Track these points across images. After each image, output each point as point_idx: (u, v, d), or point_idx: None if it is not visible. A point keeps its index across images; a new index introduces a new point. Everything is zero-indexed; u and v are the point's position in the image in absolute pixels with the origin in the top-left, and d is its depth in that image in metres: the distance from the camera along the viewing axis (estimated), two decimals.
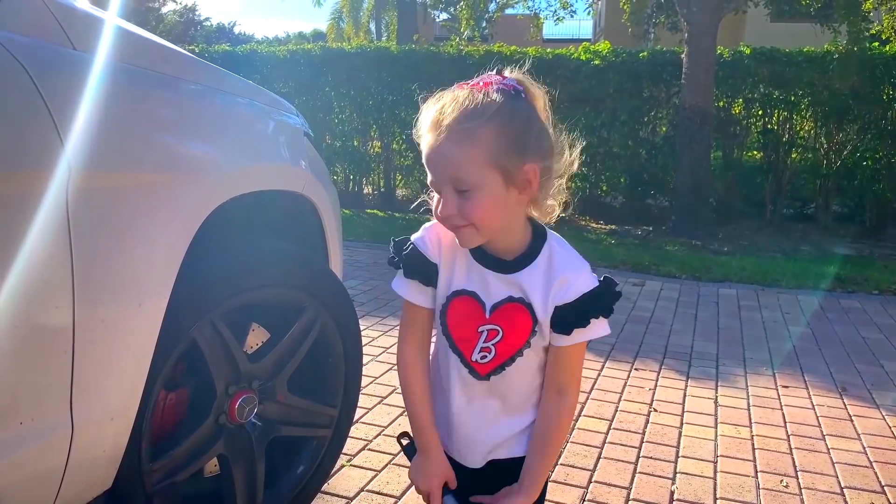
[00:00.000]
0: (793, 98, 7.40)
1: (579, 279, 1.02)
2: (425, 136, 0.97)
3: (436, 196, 1.00)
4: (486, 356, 1.07)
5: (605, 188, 8.17)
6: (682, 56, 7.13)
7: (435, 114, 0.96)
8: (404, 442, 1.19)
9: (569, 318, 1.02)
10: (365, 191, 9.12)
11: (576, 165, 1.03)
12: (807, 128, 7.65)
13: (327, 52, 8.72)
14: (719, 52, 7.24)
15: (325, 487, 1.97)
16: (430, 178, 0.98)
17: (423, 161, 0.98)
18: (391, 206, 8.61)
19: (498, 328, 1.05)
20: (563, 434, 1.10)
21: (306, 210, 1.89)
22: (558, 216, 1.05)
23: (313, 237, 1.94)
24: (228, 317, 1.52)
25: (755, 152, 7.99)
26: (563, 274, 1.02)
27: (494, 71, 1.00)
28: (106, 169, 1.15)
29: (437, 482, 1.12)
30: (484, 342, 1.06)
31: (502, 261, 1.04)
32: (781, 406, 2.78)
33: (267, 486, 1.70)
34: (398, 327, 1.16)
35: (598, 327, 1.04)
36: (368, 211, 8.27)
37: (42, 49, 1.12)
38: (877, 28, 8.03)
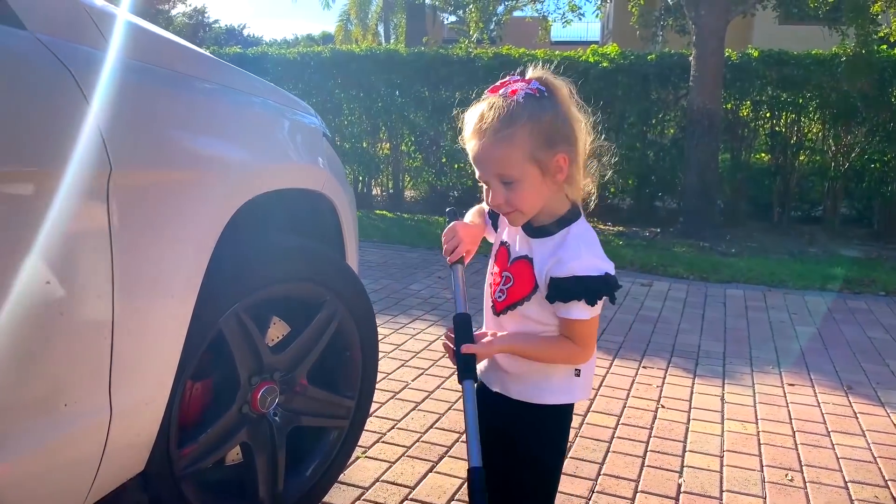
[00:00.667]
0: (801, 101, 7.42)
1: (574, 262, 1.16)
2: (470, 142, 1.17)
3: (485, 187, 1.20)
4: (501, 296, 1.28)
5: (613, 190, 8.21)
6: (690, 59, 7.17)
7: (476, 122, 1.15)
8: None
9: (553, 290, 1.17)
10: (374, 192, 9.20)
11: (600, 160, 1.24)
12: (815, 130, 7.67)
13: (337, 55, 8.79)
14: (727, 54, 7.27)
15: (341, 478, 2.03)
16: (478, 173, 1.19)
17: (472, 161, 1.18)
18: (400, 207, 8.68)
19: (511, 276, 1.26)
20: (542, 350, 1.23)
21: (324, 208, 1.95)
22: (594, 195, 1.25)
23: (330, 234, 2.01)
24: (252, 310, 1.59)
25: (763, 154, 8.01)
26: (563, 253, 1.17)
27: (518, 72, 1.18)
28: (143, 167, 1.22)
29: (467, 240, 1.33)
30: (503, 284, 1.27)
31: (532, 226, 1.23)
32: (787, 404, 2.83)
33: (287, 474, 1.76)
34: (411, 323, 1.27)
35: (576, 309, 1.17)
36: (377, 212, 8.33)
37: (85, 54, 1.18)
38: (885, 31, 8.04)
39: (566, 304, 1.16)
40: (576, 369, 1.26)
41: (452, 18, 22.38)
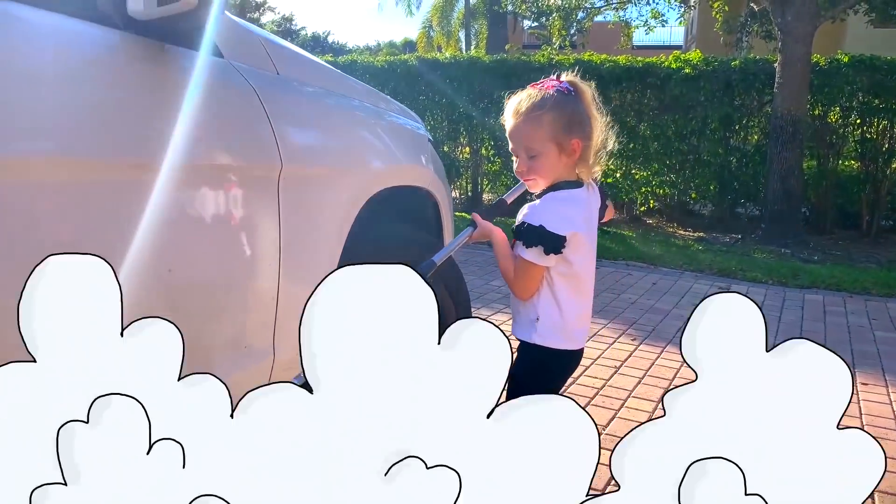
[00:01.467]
0: (894, 106, 7.24)
1: (529, 210, 1.43)
2: (509, 120, 1.48)
3: (515, 159, 1.49)
4: None
5: (694, 195, 8.22)
6: (776, 64, 7.13)
7: (515, 105, 1.47)
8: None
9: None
10: (453, 194, 9.53)
11: (610, 144, 1.49)
12: None
13: (423, 63, 9.17)
14: (815, 60, 7.18)
15: None
16: (511, 146, 1.48)
17: (507, 136, 1.48)
18: (478, 209, 8.94)
19: None
20: (502, 258, 1.48)
21: (428, 203, 2.25)
22: (599, 178, 1.55)
23: (432, 225, 2.30)
24: None
25: (852, 161, 7.83)
26: (530, 204, 1.46)
27: (555, 76, 1.48)
28: (303, 164, 1.54)
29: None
30: None
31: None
32: (859, 400, 2.92)
33: None
34: (493, 316, 1.52)
35: (519, 247, 1.43)
36: (456, 213, 8.61)
37: (261, 75, 1.51)
38: None
39: (518, 242, 1.43)
40: (536, 316, 1.47)
41: (534, 24, 22.56)
